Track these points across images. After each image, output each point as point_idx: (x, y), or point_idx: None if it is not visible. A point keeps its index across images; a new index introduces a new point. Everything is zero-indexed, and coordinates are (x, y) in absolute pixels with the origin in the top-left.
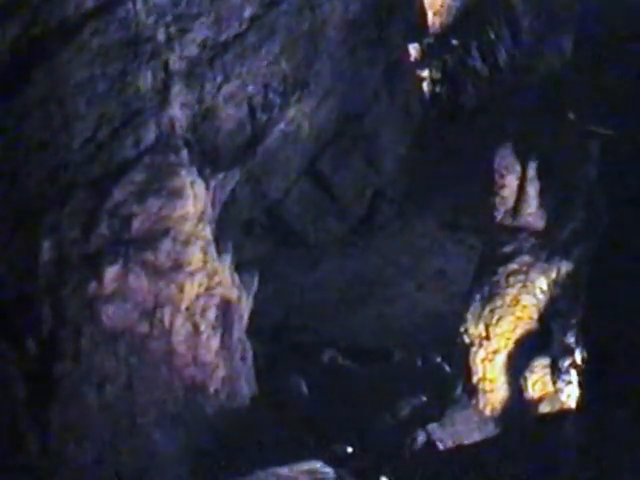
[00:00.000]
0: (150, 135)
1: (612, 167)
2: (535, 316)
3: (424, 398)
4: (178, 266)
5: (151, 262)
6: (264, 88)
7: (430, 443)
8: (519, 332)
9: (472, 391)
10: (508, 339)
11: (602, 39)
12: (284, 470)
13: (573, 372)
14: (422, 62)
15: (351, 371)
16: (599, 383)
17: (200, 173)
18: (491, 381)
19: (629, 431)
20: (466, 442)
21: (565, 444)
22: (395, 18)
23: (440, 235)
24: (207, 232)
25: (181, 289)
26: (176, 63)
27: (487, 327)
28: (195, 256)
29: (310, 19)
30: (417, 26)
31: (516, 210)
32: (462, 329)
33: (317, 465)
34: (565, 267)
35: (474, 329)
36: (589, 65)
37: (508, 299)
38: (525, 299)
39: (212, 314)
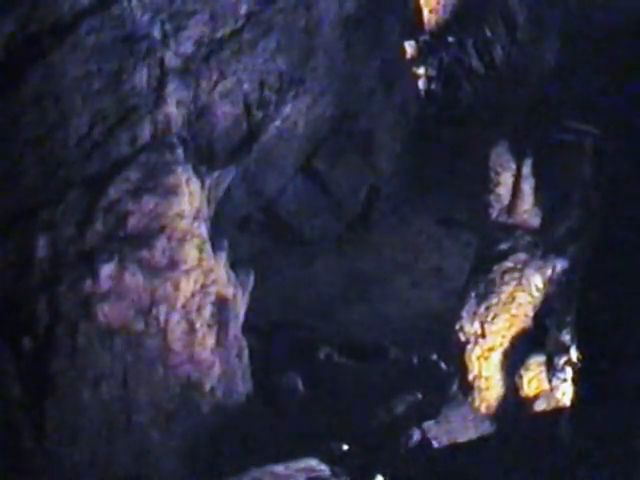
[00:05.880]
0: (145, 132)
1: (607, 165)
2: (530, 314)
3: (419, 395)
4: (174, 264)
5: (146, 260)
6: (260, 85)
7: (425, 441)
8: (514, 330)
9: (467, 389)
10: (503, 337)
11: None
12: (280, 468)
13: (568, 370)
14: (418, 60)
15: (347, 368)
16: (594, 381)
17: (195, 171)
18: (487, 379)
19: (624, 428)
20: (461, 440)
21: (560, 442)
22: (391, 15)
23: (436, 232)
24: (203, 230)
25: (177, 287)
26: (172, 60)
27: (482, 325)
28: (191, 254)
29: (306, 16)
30: (413, 23)
31: (511, 208)
32: (457, 326)
33: (313, 463)
34: (560, 265)
35: (469, 327)
36: (583, 63)
37: (503, 297)
38: (520, 297)
39: (208, 312)
